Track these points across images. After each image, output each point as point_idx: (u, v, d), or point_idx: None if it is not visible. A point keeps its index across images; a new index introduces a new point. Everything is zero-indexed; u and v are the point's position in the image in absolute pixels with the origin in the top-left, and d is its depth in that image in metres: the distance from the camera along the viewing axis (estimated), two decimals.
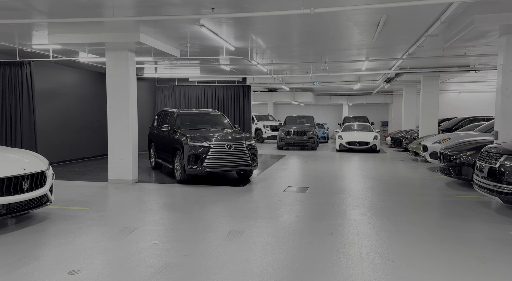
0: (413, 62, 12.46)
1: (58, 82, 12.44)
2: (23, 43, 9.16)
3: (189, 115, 10.13)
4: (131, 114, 8.82)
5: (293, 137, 17.59)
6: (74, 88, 13.14)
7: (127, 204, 6.78)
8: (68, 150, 12.89)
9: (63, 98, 12.66)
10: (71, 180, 9.16)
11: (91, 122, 13.86)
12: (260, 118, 23.02)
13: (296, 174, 10.36)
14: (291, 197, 7.47)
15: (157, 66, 12.66)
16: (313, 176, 10.03)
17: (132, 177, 8.86)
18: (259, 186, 8.58)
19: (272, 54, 10.61)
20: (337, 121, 30.56)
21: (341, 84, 19.07)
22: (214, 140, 8.59)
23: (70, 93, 12.94)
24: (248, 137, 9.12)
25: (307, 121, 19.53)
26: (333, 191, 8.05)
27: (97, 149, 14.20)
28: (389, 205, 6.81)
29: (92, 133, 13.91)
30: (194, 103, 15.81)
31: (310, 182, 9.20)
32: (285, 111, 30.77)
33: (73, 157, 13.09)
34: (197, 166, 8.43)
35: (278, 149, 18.18)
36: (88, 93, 13.82)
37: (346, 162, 13.26)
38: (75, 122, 13.17)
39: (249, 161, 8.86)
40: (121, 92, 8.78)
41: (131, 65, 8.82)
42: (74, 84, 13.14)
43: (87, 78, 13.80)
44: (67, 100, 12.84)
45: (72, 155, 13.05)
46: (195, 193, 7.74)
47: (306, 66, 12.84)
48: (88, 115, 13.78)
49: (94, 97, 14.08)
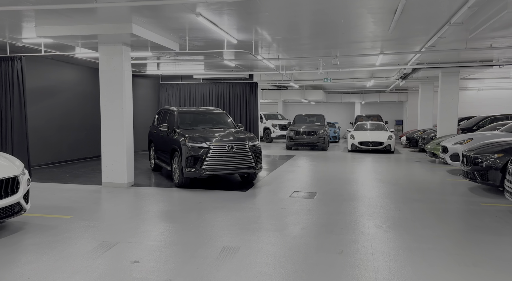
0: (431, 56, 11.58)
1: (57, 79, 11.91)
2: (14, 37, 8.60)
3: (190, 114, 9.47)
4: (125, 112, 8.19)
5: (303, 137, 16.82)
6: (74, 85, 12.60)
7: (115, 211, 6.14)
8: (67, 150, 12.37)
9: (62, 95, 12.13)
10: (62, 183, 8.58)
11: (93, 120, 13.31)
12: (269, 117, 22.29)
13: (304, 177, 9.61)
14: (297, 204, 6.74)
15: (159, 62, 12.02)
16: (323, 180, 9.28)
17: (127, 180, 8.23)
18: (263, 191, 7.87)
19: (279, 48, 9.87)
20: (349, 120, 29.65)
21: (353, 81, 18.22)
22: (214, 140, 7.91)
23: (69, 90, 12.40)
24: (251, 137, 8.42)
25: (317, 120, 18.73)
26: (344, 197, 7.29)
27: (98, 149, 13.62)
28: (408, 214, 6.03)
29: (94, 132, 13.35)
30: (199, 101, 15.16)
31: (319, 186, 8.45)
32: (295, 110, 29.94)
33: (73, 157, 12.57)
34: (196, 169, 7.76)
35: (287, 149, 17.43)
36: (89, 91, 13.28)
37: (358, 163, 12.45)
38: (75, 120, 12.64)
39: (252, 163, 8.16)
40: (115, 88, 8.15)
41: (126, 59, 8.19)
42: (74, 81, 12.61)
43: (88, 75, 13.26)
44: (66, 97, 12.31)
45: (71, 155, 12.52)
46: (193, 199, 7.07)
47: (315, 61, 12.06)
48: (89, 114, 13.24)
49: (95, 94, 13.53)
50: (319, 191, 7.93)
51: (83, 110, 12.96)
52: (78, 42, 8.25)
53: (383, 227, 5.36)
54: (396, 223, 5.54)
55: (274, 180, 9.14)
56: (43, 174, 9.80)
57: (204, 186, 8.26)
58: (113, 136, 8.23)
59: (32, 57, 10.83)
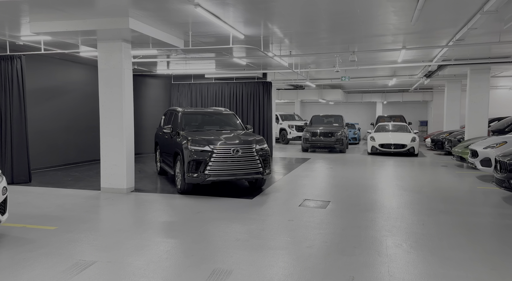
0: (459, 51, 10.63)
1: (64, 79, 11.58)
2: (13, 35, 8.25)
3: (195, 115, 8.90)
4: (125, 113, 7.69)
5: (319, 139, 16.04)
6: (82, 85, 12.25)
7: (105, 222, 5.60)
8: (75, 152, 12.02)
9: (69, 96, 11.80)
10: (61, 188, 8.16)
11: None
12: (286, 118, 21.57)
13: (318, 183, 8.89)
14: (306, 215, 6.04)
15: (169, 61, 11.51)
16: (338, 186, 8.53)
17: (126, 186, 7.72)
18: (271, 199, 7.20)
19: (291, 43, 9.18)
20: (370, 121, 28.55)
21: (374, 79, 17.30)
22: (218, 143, 7.31)
23: (77, 90, 12.06)
24: (259, 140, 7.77)
25: (336, 120, 17.89)
26: (361, 208, 6.54)
27: None
28: (433, 230, 5.25)
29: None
30: (211, 102, 14.61)
31: (334, 193, 7.71)
32: (313, 110, 29.07)
33: (80, 159, 12.22)
34: (198, 174, 7.17)
35: (303, 151, 16.67)
36: (98, 91, 12.87)
37: (378, 167, 11.61)
38: (83, 122, 12.29)
39: (259, 168, 7.50)
40: (114, 88, 7.66)
41: (126, 57, 7.69)
42: (82, 81, 12.26)
43: (96, 75, 12.90)
44: (74, 98, 11.97)
45: (79, 158, 12.17)
46: (193, 207, 6.47)
47: (331, 58, 11.29)
48: (97, 115, 12.85)
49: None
50: (333, 199, 7.21)
51: (91, 111, 12.61)
52: (77, 39, 7.79)
53: (404, 246, 4.61)
54: (419, 241, 4.78)
55: (285, 186, 8.46)
56: (45, 177, 9.44)
57: (208, 193, 7.67)
58: (112, 139, 7.74)
59: (39, 56, 10.54)
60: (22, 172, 8.59)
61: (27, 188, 8.11)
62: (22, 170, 8.58)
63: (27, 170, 8.63)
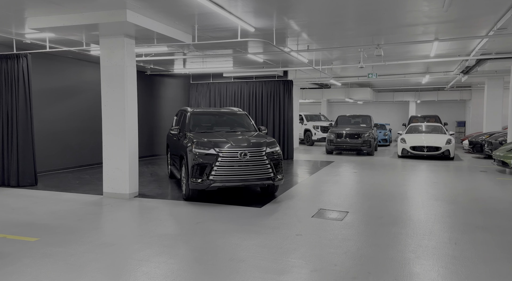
0: (501, 43, 9.49)
1: (78, 79, 11.35)
2: (19, 33, 7.98)
3: (205, 115, 8.33)
4: (128, 113, 7.22)
5: (345, 140, 15.11)
6: (97, 85, 12.00)
7: (92, 232, 5.09)
8: (89, 154, 11.77)
9: (83, 96, 11.56)
10: (64, 192, 7.79)
11: None
12: (311, 118, 20.70)
13: (338, 189, 8.08)
14: (318, 228, 5.30)
15: (180, 58, 11.04)
16: (360, 193, 7.69)
17: (129, 191, 7.24)
18: (283, 207, 6.49)
19: (310, 37, 8.40)
20: (402, 121, 27.13)
21: (405, 77, 16.14)
22: (225, 146, 6.68)
23: (91, 90, 11.81)
24: (270, 142, 7.07)
25: (363, 121, 16.87)
26: (383, 220, 5.72)
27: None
28: (467, 251, 4.38)
29: None
30: (229, 101, 14.05)
31: (354, 202, 6.90)
32: (341, 110, 27.96)
33: (95, 161, 11.96)
34: (202, 180, 6.57)
35: (327, 153, 15.79)
36: None
37: (409, 173, 10.61)
38: (97, 122, 12.02)
39: (270, 173, 6.81)
40: (116, 87, 7.21)
41: (129, 54, 7.21)
42: (97, 81, 12.01)
43: None
44: (88, 98, 11.72)
45: (93, 159, 11.91)
46: (193, 217, 5.87)
47: (356, 53, 10.41)
48: None
49: None
50: (353, 209, 6.40)
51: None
52: (79, 35, 7.40)
53: (432, 273, 3.79)
54: (450, 267, 3.93)
55: (302, 192, 7.72)
56: (53, 180, 9.14)
57: (215, 199, 7.06)
58: (114, 140, 7.29)
59: (52, 56, 10.34)
60: (28, 175, 8.31)
61: (30, 191, 7.80)
62: (28, 173, 8.31)
63: (33, 173, 8.35)
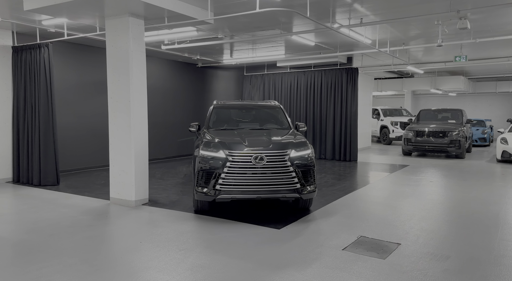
0: None
1: None
2: (33, 20, 7.40)
3: (229, 110, 6.98)
4: (134, 107, 6.17)
5: (427, 139, 12.53)
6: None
7: (60, 253, 4.06)
8: None
9: None
10: (77, 194, 7.04)
11: (164, 117, 11.97)
12: (390, 113, 18.09)
13: (398, 206, 6.12)
14: (345, 271, 3.60)
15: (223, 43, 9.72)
16: (428, 214, 5.66)
17: (135, 197, 6.20)
18: (310, 230, 4.86)
19: (364, 5, 6.50)
20: (507, 117, 22.68)
21: (509, 60, 12.87)
22: (236, 148, 5.25)
23: None
24: (298, 143, 5.45)
25: (453, 116, 13.97)
26: (449, 264, 3.79)
27: (175, 149, 12.27)
28: None
29: (166, 131, 12.01)
30: (284, 95, 12.51)
31: (414, 228, 4.96)
32: (429, 104, 24.34)
33: None
34: (208, 190, 5.22)
35: (404, 155, 13.32)
36: (160, 85, 11.93)
37: (508, 184, 8.04)
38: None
39: (295, 184, 5.20)
40: (121, 75, 6.20)
41: (135, 36, 6.14)
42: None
43: (159, 68, 11.93)
44: None
45: None
46: (185, 240, 4.57)
47: (432, 27, 8.08)
48: (159, 110, 11.93)
49: (166, 89, 12.17)
50: (409, 239, 4.51)
51: (153, 107, 11.67)
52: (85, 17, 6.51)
53: None
54: None
55: (345, 208, 5.95)
56: (78, 180, 8.53)
57: (231, 211, 5.67)
58: (119, 138, 6.31)
59: (92, 48, 9.86)
60: (50, 173, 7.80)
61: (43, 192, 7.21)
62: (50, 172, 7.80)
63: (55, 171, 7.82)
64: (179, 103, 12.44)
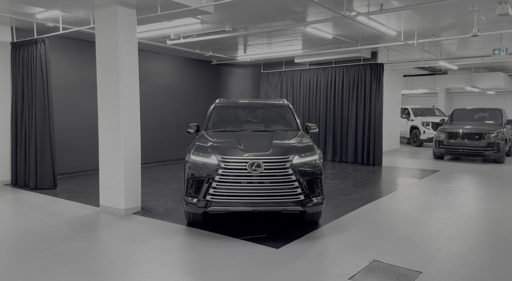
0: None
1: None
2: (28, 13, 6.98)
3: (231, 109, 6.28)
4: (124, 105, 5.59)
5: (461, 142, 11.37)
6: (152, 77, 10.88)
7: (12, 276, 3.52)
8: (143, 153, 10.68)
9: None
10: (69, 200, 6.54)
11: (176, 118, 11.44)
12: (421, 112, 16.85)
13: (424, 221, 5.23)
14: None
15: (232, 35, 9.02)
16: (459, 232, 4.76)
17: (125, 206, 5.62)
18: (313, 251, 4.09)
19: None
20: None
21: None
22: (230, 153, 4.55)
23: (145, 82, 10.72)
24: (302, 148, 4.69)
25: (491, 116, 12.69)
26: None
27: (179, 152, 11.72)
28: None
29: (177, 131, 11.48)
30: (303, 93, 11.69)
31: (440, 251, 4.09)
32: (464, 103, 22.68)
33: (150, 160, 10.87)
34: (198, 200, 4.55)
35: (435, 158, 12.18)
36: (171, 83, 11.41)
37: None
38: (152, 117, 10.91)
39: (298, 195, 4.44)
40: (110, 71, 5.64)
41: (125, 28, 5.56)
42: (153, 72, 10.88)
43: (169, 65, 11.40)
44: (142, 91, 10.62)
45: (149, 158, 10.83)
46: (171, 257, 3.91)
47: (466, 13, 7.07)
48: (171, 110, 11.40)
49: (178, 87, 11.64)
50: (433, 266, 3.66)
51: (163, 106, 11.17)
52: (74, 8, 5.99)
53: None
54: None
55: (360, 222, 5.12)
56: (75, 184, 8.04)
57: (228, 224, 4.97)
58: (108, 141, 5.75)
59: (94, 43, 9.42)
60: (47, 176, 7.37)
61: (35, 196, 6.77)
62: (47, 175, 7.37)
63: (52, 174, 7.39)
64: (192, 103, 11.88)
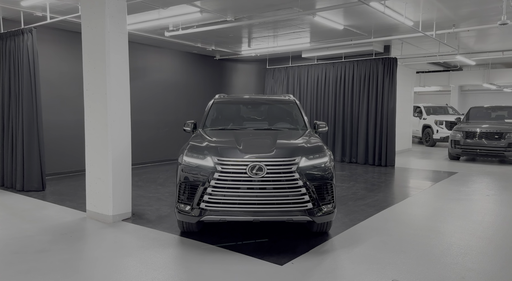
0: None
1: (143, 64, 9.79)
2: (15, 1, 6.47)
3: (232, 105, 5.70)
4: (112, 101, 5.03)
5: (479, 142, 10.67)
6: (152, 73, 10.31)
7: None
8: (141, 152, 10.15)
9: (135, 85, 9.97)
10: (55, 203, 6.01)
11: (176, 116, 10.89)
12: (434, 111, 16.12)
13: (447, 231, 4.61)
14: None
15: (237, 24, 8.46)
16: (491, 243, 4.12)
17: (112, 212, 5.06)
18: (323, 269, 3.50)
19: None
20: None
21: None
22: (227, 154, 3.97)
23: (144, 77, 10.18)
24: (310, 149, 4.10)
25: (510, 114, 11.96)
26: None
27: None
28: None
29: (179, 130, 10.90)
30: (311, 90, 11.07)
31: (473, 270, 3.47)
32: (479, 101, 21.77)
33: (149, 159, 10.33)
34: (192, 208, 3.98)
35: (450, 159, 11.48)
36: (173, 80, 10.85)
37: None
38: (151, 115, 10.34)
39: (306, 203, 3.85)
40: (97, 61, 5.08)
41: (113, 14, 5.00)
42: (154, 67, 10.33)
43: (170, 60, 10.85)
44: (141, 87, 10.07)
45: (147, 157, 10.29)
46: (157, 277, 3.35)
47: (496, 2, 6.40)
48: (171, 108, 10.85)
49: (180, 84, 11.09)
50: None
51: (163, 103, 10.62)
52: None
53: None
54: None
55: (374, 232, 4.51)
56: (66, 186, 7.48)
57: (226, 234, 4.39)
58: (96, 139, 5.19)
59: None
60: (35, 178, 6.84)
61: (20, 199, 6.24)
62: (34, 176, 6.84)
63: (40, 175, 6.86)
64: (194, 100, 11.31)
